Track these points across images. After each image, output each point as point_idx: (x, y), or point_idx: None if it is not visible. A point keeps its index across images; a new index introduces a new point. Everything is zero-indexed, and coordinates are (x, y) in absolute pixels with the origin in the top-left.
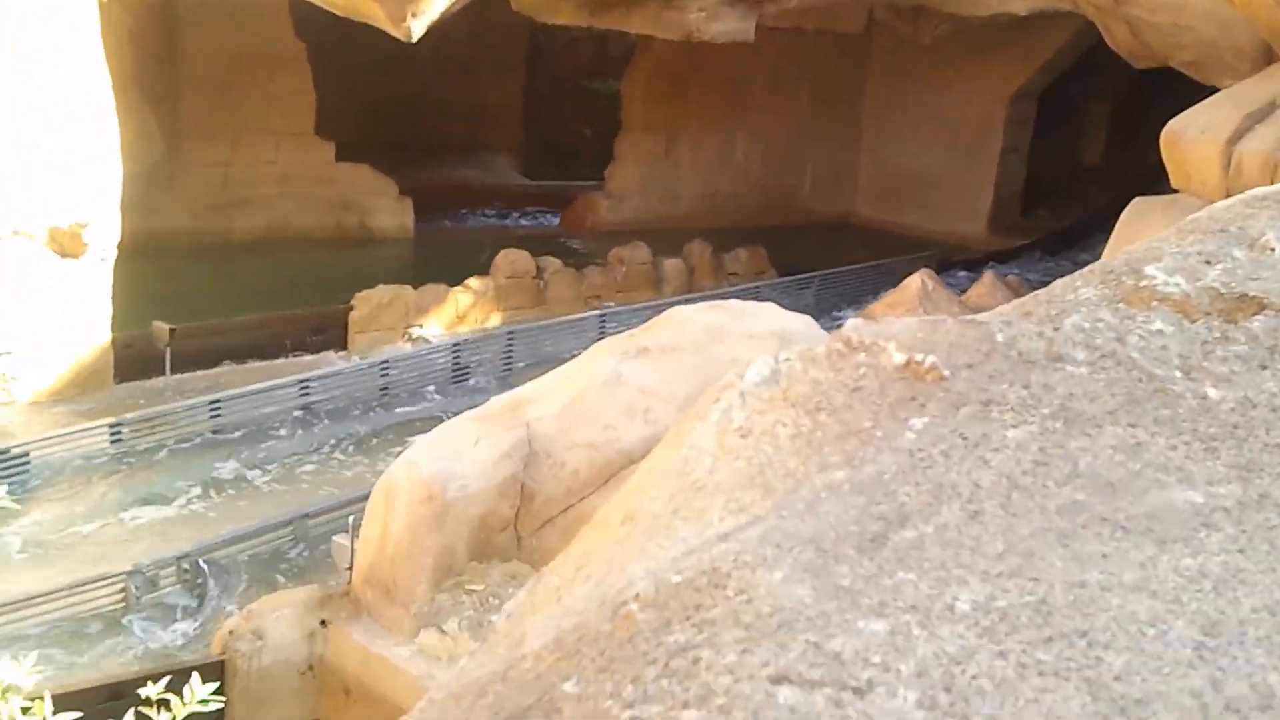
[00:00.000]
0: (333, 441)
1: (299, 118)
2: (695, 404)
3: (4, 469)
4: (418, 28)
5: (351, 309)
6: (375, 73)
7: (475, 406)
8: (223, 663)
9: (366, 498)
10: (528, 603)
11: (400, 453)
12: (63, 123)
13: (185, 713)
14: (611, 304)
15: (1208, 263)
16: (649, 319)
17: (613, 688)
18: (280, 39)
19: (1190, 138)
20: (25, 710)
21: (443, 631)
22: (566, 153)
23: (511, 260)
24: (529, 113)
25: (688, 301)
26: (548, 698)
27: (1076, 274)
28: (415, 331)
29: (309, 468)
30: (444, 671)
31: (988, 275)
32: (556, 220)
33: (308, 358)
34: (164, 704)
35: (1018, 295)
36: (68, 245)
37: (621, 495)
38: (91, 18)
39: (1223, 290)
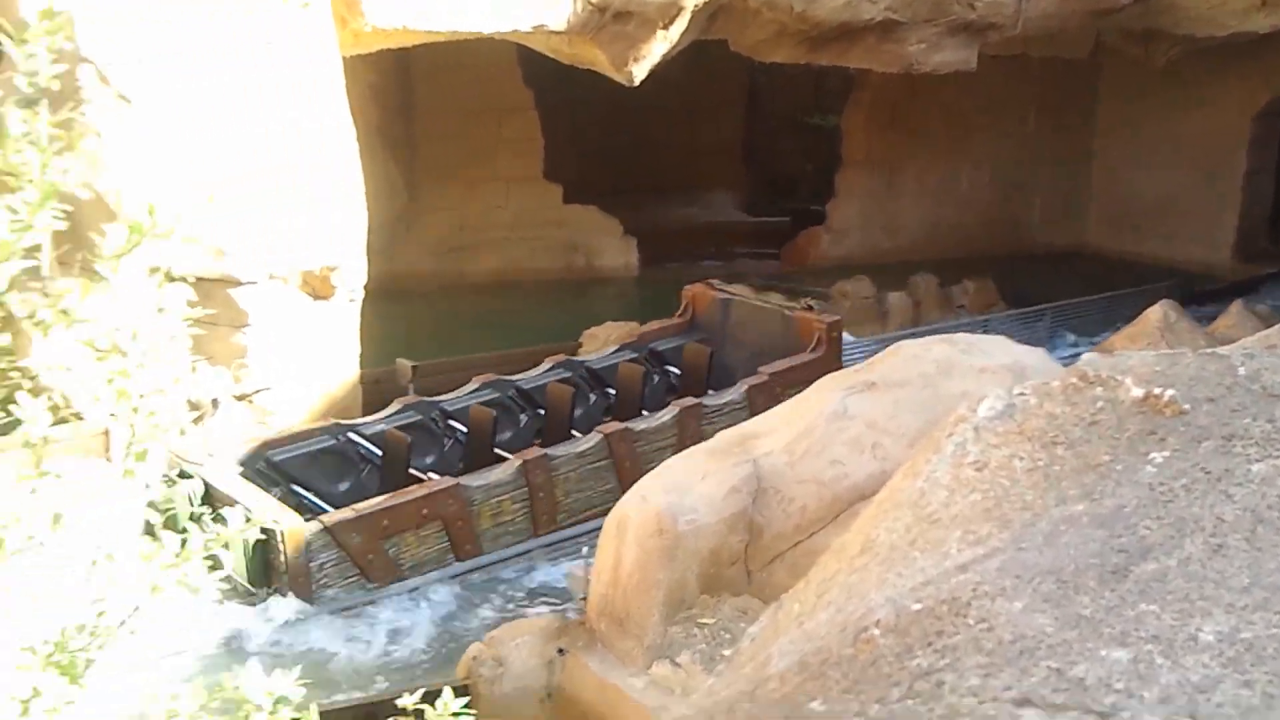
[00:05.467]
0: None
1: (528, 162)
2: (928, 437)
3: None
4: (639, 72)
5: (580, 345)
6: (599, 116)
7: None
8: (467, 686)
9: (599, 528)
10: (770, 628)
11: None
12: (313, 173)
13: None
14: None
15: None
16: (875, 353)
17: (858, 707)
18: (509, 88)
19: None
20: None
21: (675, 664)
22: (787, 189)
23: None
24: (749, 150)
25: (914, 335)
26: (796, 715)
27: None
28: None
29: None
30: (677, 704)
31: (1235, 306)
32: (778, 256)
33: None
34: (419, 714)
35: (1269, 327)
36: (319, 288)
37: (859, 525)
38: (337, 74)
39: None
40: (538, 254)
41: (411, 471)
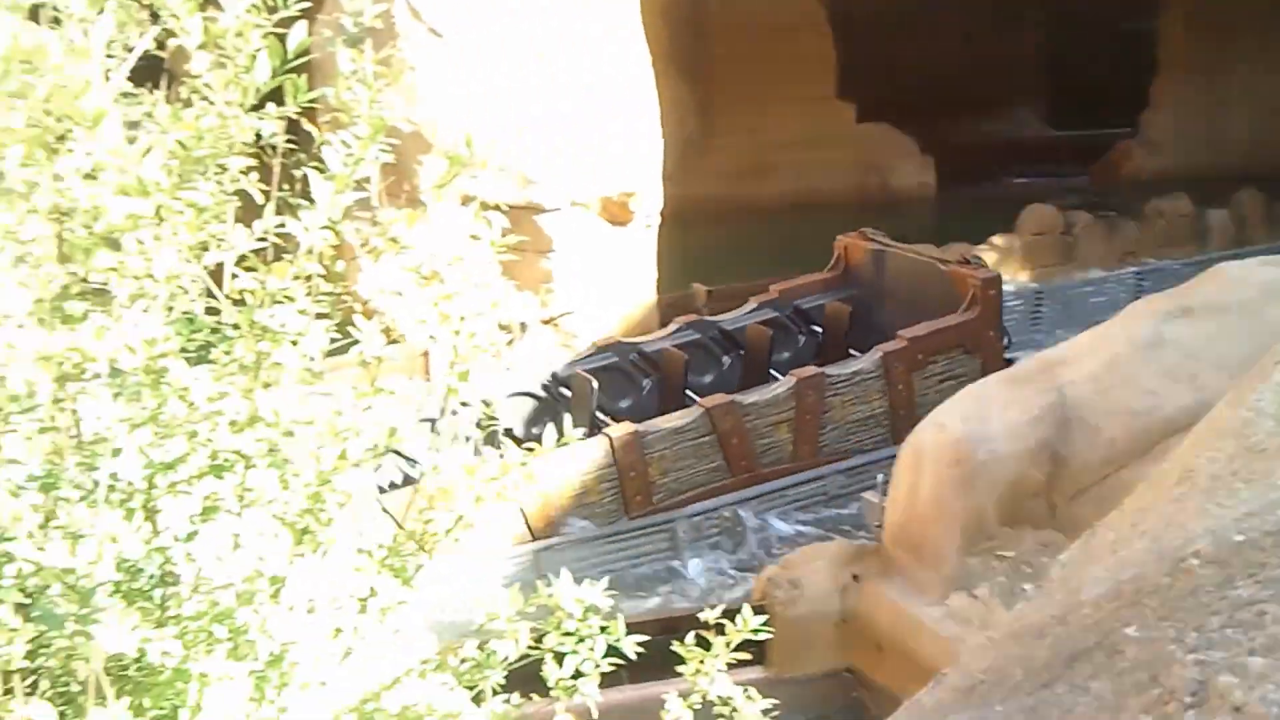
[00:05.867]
0: None
1: (821, 81)
2: (1256, 365)
3: None
4: None
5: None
6: (893, 31)
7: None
8: (762, 608)
9: (893, 456)
10: (1082, 556)
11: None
12: (610, 101)
13: (738, 640)
14: (1149, 261)
15: None
16: (1192, 276)
17: (1175, 634)
18: (802, 4)
19: None
20: (603, 629)
21: (973, 596)
22: (1095, 101)
23: (1038, 215)
24: (1053, 60)
25: (1236, 257)
26: (1109, 640)
27: None
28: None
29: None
30: (975, 635)
31: None
32: (1086, 173)
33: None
34: (719, 629)
35: None
36: (617, 214)
37: (1177, 455)
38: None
39: None
40: (831, 175)
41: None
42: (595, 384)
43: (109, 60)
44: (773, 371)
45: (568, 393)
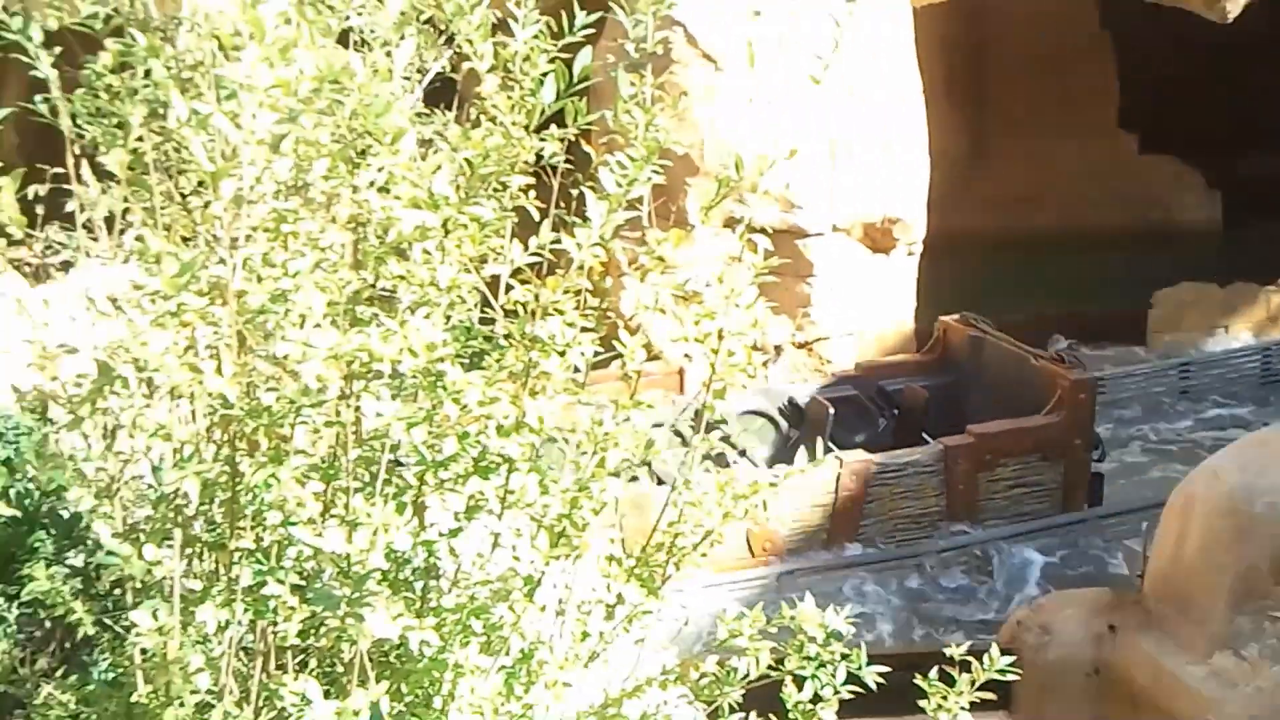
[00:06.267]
0: (1125, 440)
1: (1101, 111)
2: None
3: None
4: (1233, 8)
5: (1151, 307)
6: (1179, 58)
7: None
8: (1010, 650)
9: (1161, 504)
10: None
11: (1201, 460)
12: (878, 127)
13: (983, 679)
14: None
15: None
16: None
17: None
18: (1085, 33)
19: None
20: (844, 656)
21: (1240, 656)
22: None
23: None
24: None
25: None
26: None
27: None
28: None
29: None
30: (1238, 698)
31: None
32: None
33: (1108, 351)
34: (965, 666)
35: None
36: (879, 240)
37: None
38: (907, 27)
39: None
40: (1107, 208)
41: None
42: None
43: (405, 81)
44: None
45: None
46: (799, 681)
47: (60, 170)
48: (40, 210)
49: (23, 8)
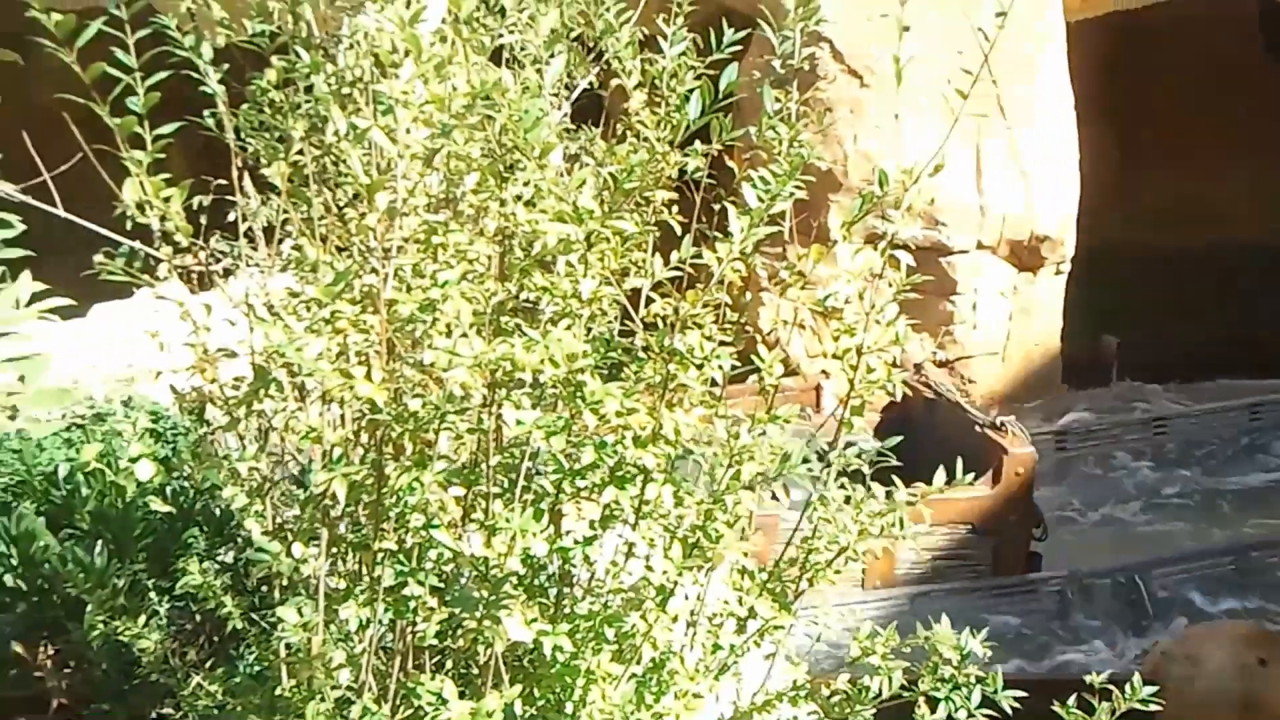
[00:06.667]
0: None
1: (1264, 129)
2: None
3: None
4: None
5: None
6: None
7: None
8: (1153, 681)
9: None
10: None
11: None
12: (1026, 143)
13: (1124, 708)
14: None
15: None
16: None
17: None
18: (1245, 48)
19: None
20: (980, 680)
21: None
22: None
23: None
24: None
25: None
26: None
27: None
28: None
29: (1247, 494)
30: None
31: None
32: None
33: (1270, 380)
34: (1105, 694)
35: None
36: (1026, 258)
37: None
38: (1059, 41)
39: None
40: (1272, 226)
41: None
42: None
43: (553, 97)
44: None
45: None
46: (932, 703)
47: (223, 182)
48: (204, 220)
49: (194, 27)
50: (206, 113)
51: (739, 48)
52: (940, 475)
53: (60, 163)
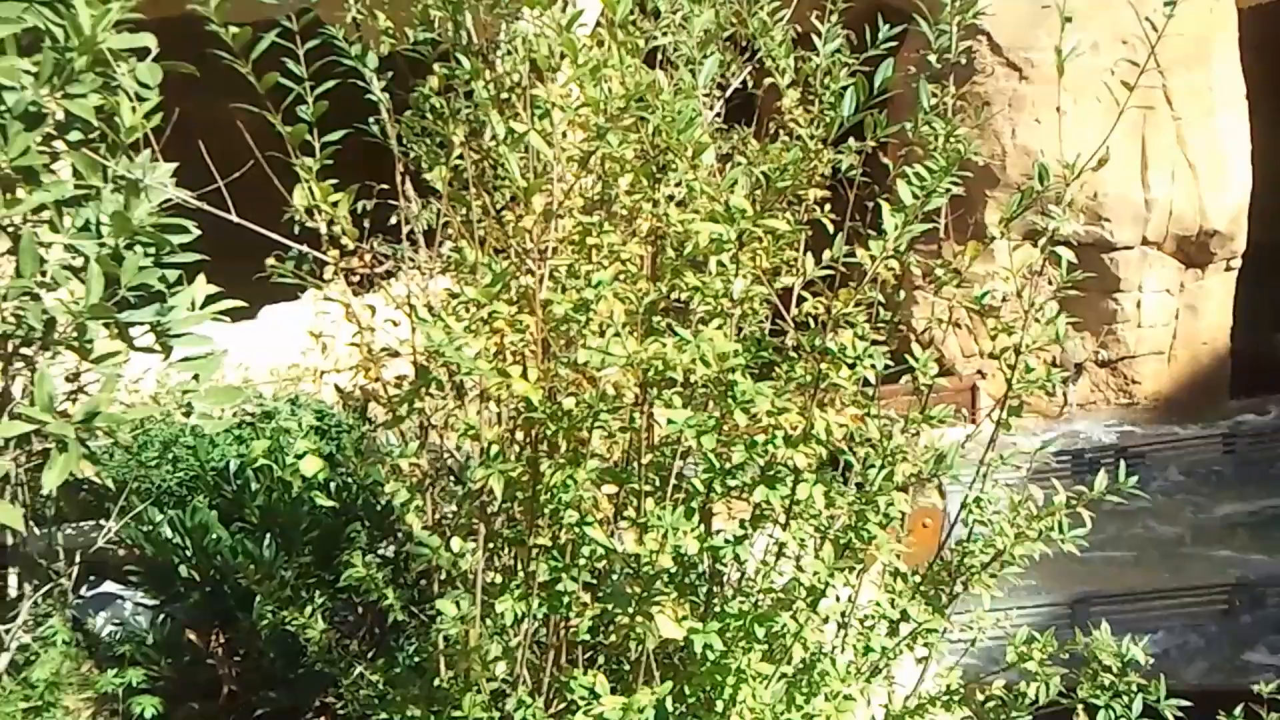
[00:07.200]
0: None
1: None
2: None
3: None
4: None
5: None
6: None
7: None
8: None
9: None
10: None
11: None
12: (1194, 138)
13: None
14: None
15: None
16: None
17: None
18: None
19: None
20: (1141, 689)
21: None
22: None
23: None
24: None
25: None
26: None
27: None
28: None
29: None
30: None
31: None
32: None
33: None
34: (1274, 705)
35: None
36: (1194, 255)
37: None
38: (1230, 31)
39: None
40: None
41: None
42: None
43: (706, 97)
44: None
45: None
46: (1091, 711)
47: (385, 186)
48: (367, 224)
49: (359, 36)
50: (371, 119)
51: (894, 43)
52: (1101, 481)
53: (230, 171)
